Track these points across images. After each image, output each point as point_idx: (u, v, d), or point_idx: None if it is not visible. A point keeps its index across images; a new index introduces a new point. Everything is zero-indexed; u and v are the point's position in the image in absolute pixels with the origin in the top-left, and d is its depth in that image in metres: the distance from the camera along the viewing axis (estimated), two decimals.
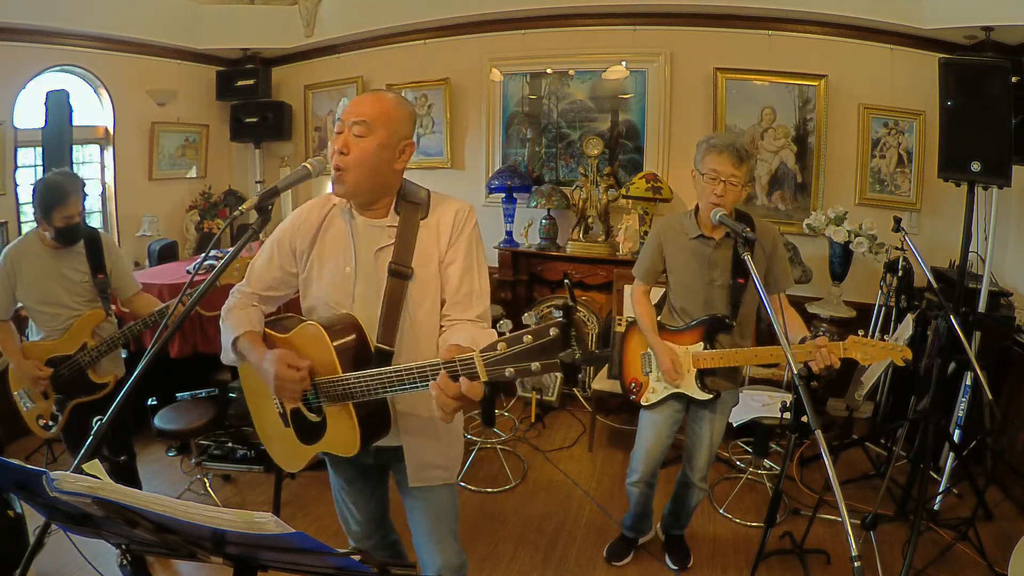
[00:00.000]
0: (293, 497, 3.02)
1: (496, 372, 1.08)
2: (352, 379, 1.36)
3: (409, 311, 1.47)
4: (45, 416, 2.43)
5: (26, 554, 1.17)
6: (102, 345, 2.40)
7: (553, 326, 1.03)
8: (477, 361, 1.10)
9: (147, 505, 0.83)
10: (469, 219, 1.53)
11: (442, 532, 1.66)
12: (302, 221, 1.57)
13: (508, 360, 1.07)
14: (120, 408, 1.22)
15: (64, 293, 2.38)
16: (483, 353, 1.10)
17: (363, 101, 1.43)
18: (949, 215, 3.48)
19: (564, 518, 2.91)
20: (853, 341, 1.94)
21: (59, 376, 2.39)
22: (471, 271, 1.50)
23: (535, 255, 4.25)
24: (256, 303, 1.61)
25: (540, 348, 1.04)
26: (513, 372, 1.07)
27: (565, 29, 4.19)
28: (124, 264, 2.55)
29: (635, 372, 2.38)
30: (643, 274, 2.32)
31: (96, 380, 2.43)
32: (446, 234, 1.49)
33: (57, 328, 2.40)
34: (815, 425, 1.44)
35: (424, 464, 1.58)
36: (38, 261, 2.36)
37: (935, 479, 2.97)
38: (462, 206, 1.54)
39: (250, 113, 4.87)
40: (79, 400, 2.42)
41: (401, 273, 1.45)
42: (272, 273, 1.59)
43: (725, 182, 2.01)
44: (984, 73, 2.69)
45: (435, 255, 1.49)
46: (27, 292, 2.37)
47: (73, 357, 2.39)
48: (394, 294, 1.45)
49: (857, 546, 1.23)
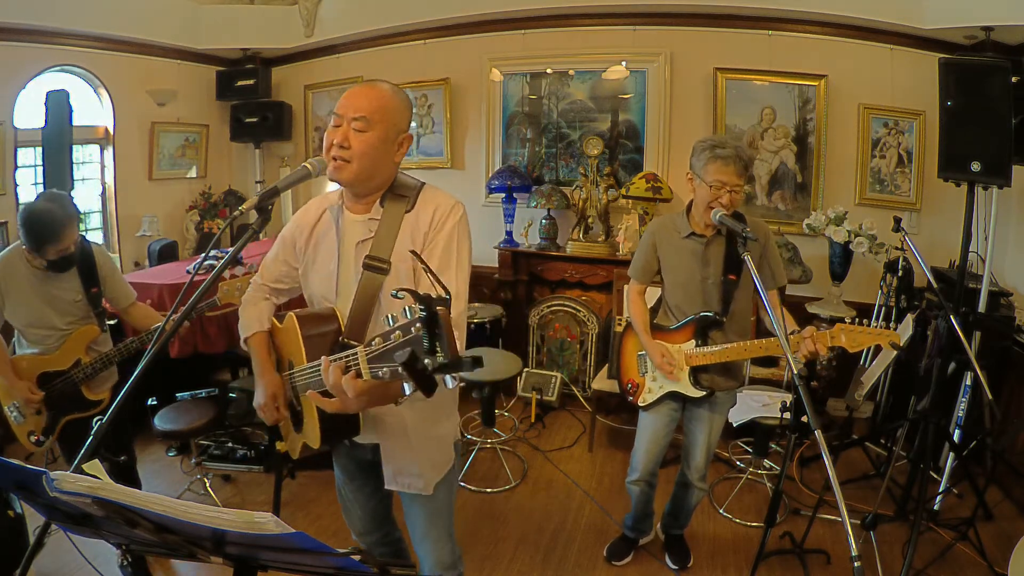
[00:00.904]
0: (293, 497, 3.02)
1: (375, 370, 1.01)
2: (296, 372, 1.41)
3: (383, 307, 1.43)
4: (37, 432, 2.32)
5: (26, 554, 1.17)
6: (96, 362, 2.31)
7: (416, 322, 0.94)
8: (360, 357, 1.04)
9: (147, 505, 0.83)
10: (452, 214, 1.46)
11: (436, 531, 1.67)
12: (301, 219, 1.62)
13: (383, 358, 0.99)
14: (120, 409, 1.22)
15: (56, 315, 2.27)
16: (366, 348, 1.03)
17: (359, 94, 1.40)
18: (949, 215, 3.48)
19: (564, 518, 2.91)
20: (841, 328, 1.94)
21: (52, 391, 2.29)
22: (448, 270, 1.43)
23: (535, 255, 4.25)
24: (268, 295, 1.68)
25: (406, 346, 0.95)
26: (387, 373, 0.99)
27: (565, 29, 4.19)
28: (117, 275, 2.45)
29: (632, 373, 2.39)
30: (638, 274, 2.33)
31: (90, 397, 2.35)
32: (422, 230, 1.45)
33: (49, 347, 2.29)
34: (815, 425, 1.44)
35: (399, 470, 1.57)
36: (27, 283, 2.22)
37: (935, 479, 2.98)
38: (446, 200, 1.48)
39: (250, 113, 4.87)
40: (72, 416, 2.33)
41: (376, 267, 1.43)
42: (279, 267, 1.66)
43: (731, 191, 2.01)
44: (984, 73, 2.69)
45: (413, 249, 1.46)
46: (15, 314, 2.25)
47: (67, 373, 2.30)
48: (367, 288, 1.42)
49: (857, 546, 1.23)
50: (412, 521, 1.68)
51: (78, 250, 2.25)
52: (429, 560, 1.68)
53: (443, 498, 1.66)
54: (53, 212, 2.12)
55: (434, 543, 1.67)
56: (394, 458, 1.57)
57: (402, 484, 1.59)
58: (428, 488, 1.59)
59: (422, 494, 1.60)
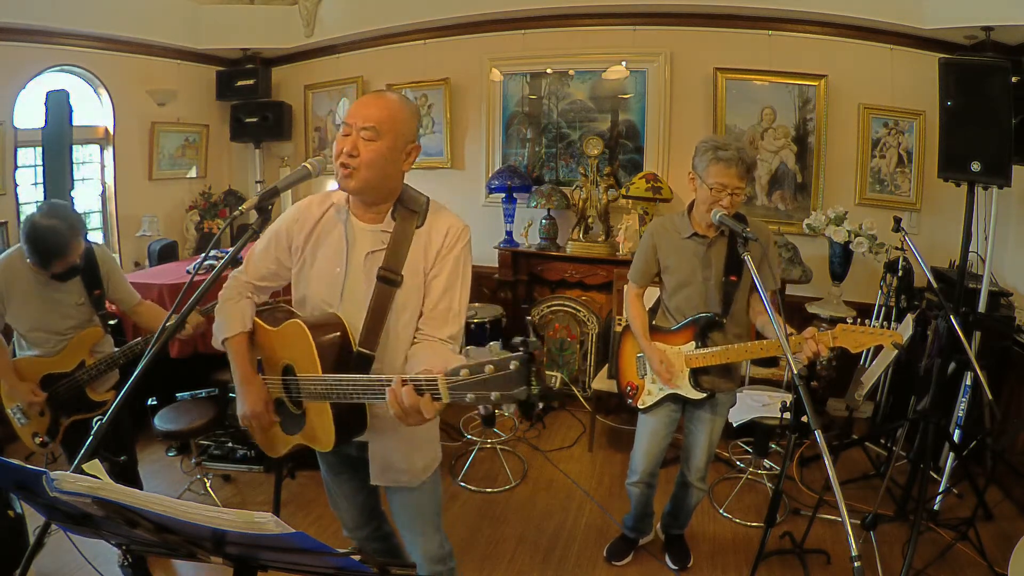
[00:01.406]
0: (293, 497, 3.02)
1: (458, 396, 1.14)
2: (331, 380, 1.39)
3: (392, 318, 1.48)
4: (41, 433, 2.32)
5: (26, 554, 1.17)
6: (100, 363, 2.31)
7: (514, 360, 1.08)
8: (441, 385, 1.16)
9: (147, 505, 0.83)
10: (461, 238, 1.53)
11: (423, 525, 1.69)
12: (300, 216, 1.58)
13: (469, 387, 1.13)
14: (120, 408, 1.22)
15: (58, 320, 2.26)
16: (447, 377, 1.15)
17: (369, 104, 1.43)
18: (949, 215, 3.48)
19: (564, 518, 2.91)
20: (842, 329, 1.93)
21: (56, 393, 2.29)
22: (453, 289, 1.51)
23: (535, 255, 4.25)
24: (250, 293, 1.63)
25: (500, 380, 1.09)
26: (473, 398, 1.12)
27: (565, 29, 4.19)
28: (119, 274, 2.43)
29: (631, 376, 2.39)
30: (637, 276, 2.32)
31: (95, 398, 2.36)
32: (435, 248, 1.50)
33: (51, 349, 2.29)
34: (815, 425, 1.44)
35: (387, 466, 1.60)
36: (29, 287, 2.20)
37: (935, 479, 2.98)
38: (456, 223, 1.54)
39: (250, 113, 4.87)
40: (76, 417, 2.34)
41: (390, 280, 1.46)
42: (268, 265, 1.61)
43: (732, 194, 2.00)
44: (984, 73, 2.69)
45: (421, 266, 1.50)
46: (17, 318, 2.24)
47: (71, 375, 2.30)
48: (380, 300, 1.46)
49: (857, 546, 1.23)
50: (398, 516, 1.71)
51: (83, 257, 2.23)
52: (416, 553, 1.70)
53: (429, 491, 1.68)
54: (58, 229, 2.09)
55: (422, 537, 1.69)
56: (382, 455, 1.58)
57: (388, 479, 1.61)
58: (414, 482, 1.63)
59: (407, 488, 1.63)
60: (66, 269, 2.18)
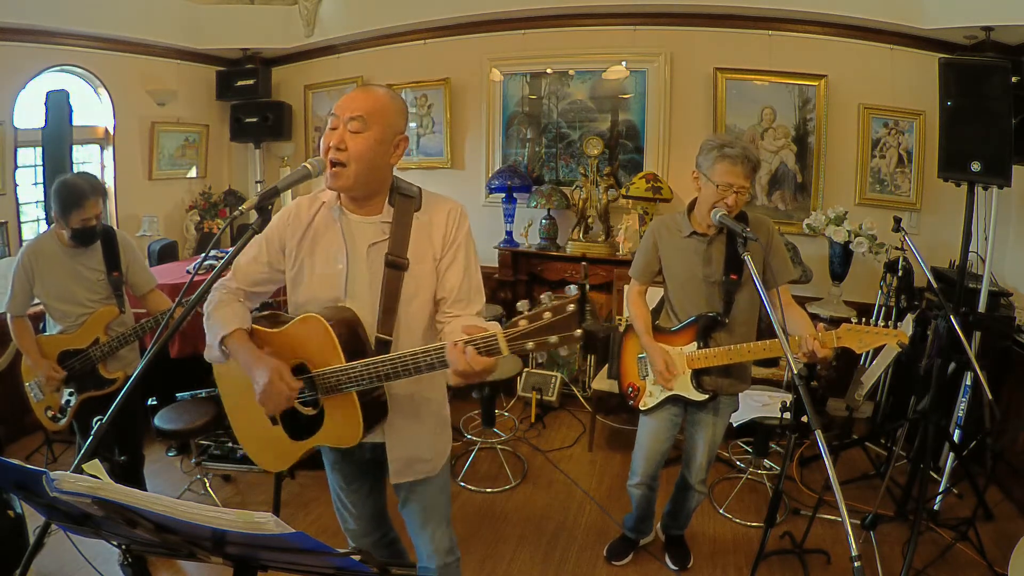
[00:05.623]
0: (293, 497, 3.02)
1: (517, 346, 1.19)
2: (360, 367, 1.38)
3: (403, 304, 1.49)
4: (54, 408, 2.50)
5: (26, 554, 1.17)
6: (113, 341, 2.46)
7: (571, 303, 1.15)
8: (500, 338, 1.20)
9: (147, 505, 0.83)
10: (463, 219, 1.56)
11: (438, 517, 1.70)
12: (292, 218, 1.55)
13: (529, 335, 1.17)
14: (121, 407, 1.21)
15: (80, 290, 2.45)
16: (506, 331, 1.20)
17: (356, 97, 1.44)
18: (949, 215, 3.48)
19: (564, 518, 2.91)
20: (847, 329, 1.93)
21: (71, 369, 2.46)
22: (470, 268, 1.54)
23: (535, 255, 4.25)
24: (242, 299, 1.58)
25: (559, 323, 1.15)
26: (534, 346, 1.17)
27: (565, 29, 4.19)
28: (140, 261, 2.60)
29: (632, 376, 2.38)
30: (639, 273, 2.31)
31: (106, 375, 2.50)
32: (439, 233, 1.52)
33: (72, 324, 2.47)
34: (815, 425, 1.44)
35: (412, 459, 1.60)
36: (55, 259, 2.42)
37: (935, 479, 2.98)
38: (455, 206, 1.56)
39: (250, 113, 4.87)
40: (89, 394, 2.48)
41: (398, 264, 1.47)
42: (260, 270, 1.57)
43: (737, 192, 2.00)
44: (984, 73, 2.69)
45: (429, 253, 1.50)
46: (44, 289, 2.44)
47: (85, 351, 2.45)
48: (391, 284, 1.47)
49: (857, 546, 1.23)
50: (410, 513, 1.70)
51: (101, 229, 2.44)
52: (428, 548, 1.70)
53: (439, 487, 1.69)
54: (80, 183, 2.34)
55: (434, 531, 1.69)
56: (401, 449, 1.58)
57: (411, 473, 1.61)
58: (436, 469, 1.65)
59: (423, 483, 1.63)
60: (84, 228, 2.35)
